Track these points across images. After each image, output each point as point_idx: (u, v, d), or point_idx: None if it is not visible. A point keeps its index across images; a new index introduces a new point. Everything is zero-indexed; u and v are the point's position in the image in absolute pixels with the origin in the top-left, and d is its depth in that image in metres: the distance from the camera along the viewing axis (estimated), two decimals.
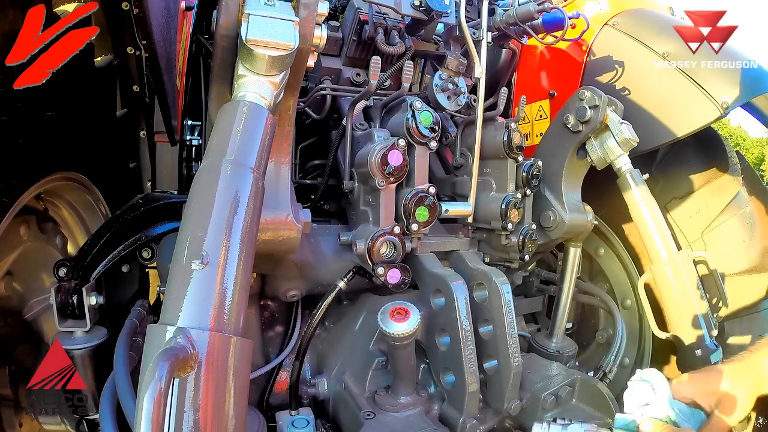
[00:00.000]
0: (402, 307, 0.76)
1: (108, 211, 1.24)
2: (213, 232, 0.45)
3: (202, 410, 0.38)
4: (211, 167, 0.50)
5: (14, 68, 0.78)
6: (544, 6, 0.97)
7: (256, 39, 0.55)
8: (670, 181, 1.21)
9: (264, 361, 1.02)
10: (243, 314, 0.45)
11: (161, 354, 0.34)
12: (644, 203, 1.07)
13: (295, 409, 0.87)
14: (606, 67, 1.21)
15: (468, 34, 0.96)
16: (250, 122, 0.54)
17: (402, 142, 0.85)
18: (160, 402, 0.32)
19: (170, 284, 0.43)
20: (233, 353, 0.41)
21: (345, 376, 0.93)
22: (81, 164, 1.09)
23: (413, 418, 0.83)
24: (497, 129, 1.02)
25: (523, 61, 1.36)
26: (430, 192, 0.90)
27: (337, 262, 0.94)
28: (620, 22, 1.21)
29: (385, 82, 1.07)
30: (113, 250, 0.96)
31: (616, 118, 1.03)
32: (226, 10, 0.60)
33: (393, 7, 0.95)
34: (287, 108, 0.76)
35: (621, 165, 1.06)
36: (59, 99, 0.95)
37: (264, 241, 0.75)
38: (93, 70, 1.13)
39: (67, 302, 0.89)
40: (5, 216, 0.85)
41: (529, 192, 1.04)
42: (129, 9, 1.12)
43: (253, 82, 0.58)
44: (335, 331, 1.05)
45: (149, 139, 1.44)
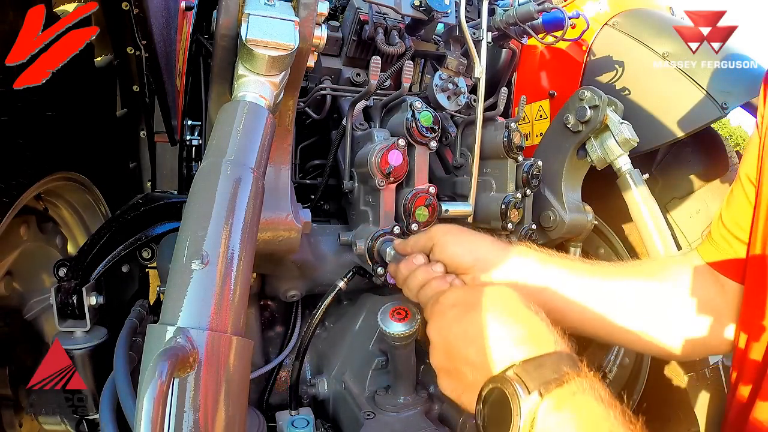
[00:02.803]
0: (402, 307, 0.76)
1: (108, 211, 1.24)
2: (213, 232, 0.45)
3: (202, 410, 0.38)
4: (211, 167, 0.50)
5: (14, 68, 0.78)
6: (544, 6, 0.97)
7: (256, 39, 0.55)
8: (670, 181, 1.21)
9: (264, 361, 1.02)
10: (243, 314, 0.45)
11: (161, 354, 0.34)
12: (644, 203, 1.07)
13: (295, 409, 0.87)
14: (606, 67, 1.21)
15: (468, 34, 0.96)
16: (250, 122, 0.54)
17: (402, 142, 0.85)
18: (160, 402, 0.32)
19: (170, 284, 0.43)
20: (233, 353, 0.41)
21: (345, 376, 0.93)
22: (81, 164, 1.09)
23: (413, 418, 0.83)
24: (497, 129, 1.02)
25: (523, 61, 1.35)
26: (430, 192, 0.90)
27: (337, 262, 0.94)
28: (620, 22, 1.21)
29: (385, 82, 1.07)
30: (113, 250, 0.96)
31: (616, 118, 1.03)
32: (226, 10, 0.60)
33: (393, 7, 0.95)
34: (287, 108, 0.76)
35: (621, 165, 1.06)
36: (59, 99, 0.95)
37: (264, 241, 0.75)
38: (93, 70, 1.13)
39: (67, 302, 0.89)
40: (5, 216, 0.85)
41: (529, 192, 1.04)
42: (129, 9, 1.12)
43: (253, 82, 0.58)
44: (335, 331, 1.05)
45: (149, 139, 1.45)
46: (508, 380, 0.44)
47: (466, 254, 0.69)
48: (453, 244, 0.70)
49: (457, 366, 0.53)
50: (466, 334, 0.52)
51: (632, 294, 0.68)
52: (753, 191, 0.62)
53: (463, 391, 0.53)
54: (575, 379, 0.43)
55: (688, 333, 0.66)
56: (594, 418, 0.41)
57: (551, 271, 0.69)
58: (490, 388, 0.46)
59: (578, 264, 0.72)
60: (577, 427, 0.40)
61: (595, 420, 0.40)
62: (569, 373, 0.43)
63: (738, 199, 0.65)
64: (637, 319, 0.67)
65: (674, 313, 0.67)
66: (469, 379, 0.51)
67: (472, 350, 0.51)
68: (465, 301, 0.55)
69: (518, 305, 0.52)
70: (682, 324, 0.67)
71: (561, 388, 0.42)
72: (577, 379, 0.43)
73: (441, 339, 0.56)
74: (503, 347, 0.48)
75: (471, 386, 0.50)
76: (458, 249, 0.70)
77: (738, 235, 0.65)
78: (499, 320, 0.51)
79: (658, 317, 0.67)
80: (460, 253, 0.69)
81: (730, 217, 0.66)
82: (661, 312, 0.67)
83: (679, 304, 0.67)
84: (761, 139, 0.62)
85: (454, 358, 0.53)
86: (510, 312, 0.52)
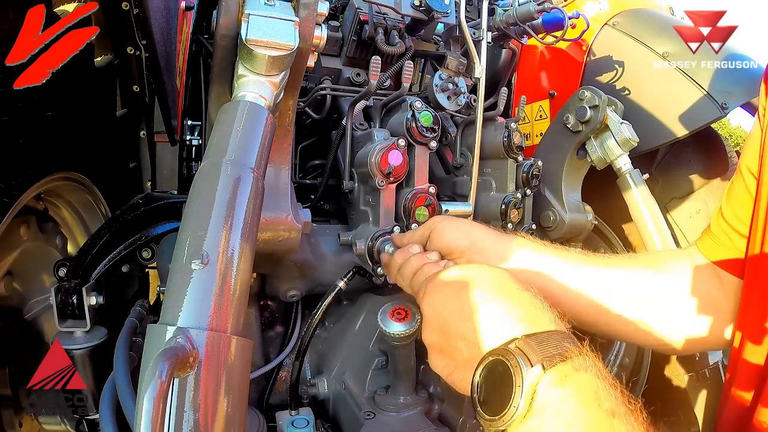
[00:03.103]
0: (402, 307, 0.76)
1: (108, 211, 1.24)
2: (213, 232, 0.45)
3: (202, 410, 0.38)
4: (211, 167, 0.50)
5: (14, 68, 0.78)
6: (544, 6, 0.97)
7: (256, 39, 0.55)
8: (670, 181, 1.21)
9: (264, 361, 1.02)
10: (243, 314, 0.45)
11: (161, 354, 0.34)
12: (644, 203, 1.07)
13: (295, 409, 0.87)
14: (606, 67, 1.21)
15: (468, 34, 0.96)
16: (250, 122, 0.54)
17: (402, 142, 0.85)
18: (160, 402, 0.32)
19: (170, 284, 0.43)
20: (233, 353, 0.41)
21: (345, 376, 0.93)
22: (81, 164, 1.09)
23: (413, 418, 0.83)
24: (497, 129, 1.02)
25: (523, 61, 1.35)
26: (430, 192, 0.90)
27: (337, 262, 0.94)
28: (620, 22, 1.21)
29: (385, 82, 1.06)
30: (113, 250, 0.96)
31: (616, 118, 1.03)
32: (226, 10, 0.60)
33: (393, 7, 0.95)
34: (287, 108, 0.76)
35: (621, 165, 1.06)
36: (59, 99, 0.95)
37: (264, 241, 0.75)
38: (93, 70, 1.13)
39: (67, 302, 0.89)
40: (5, 216, 0.85)
41: (529, 192, 1.04)
42: (129, 9, 1.12)
43: (253, 82, 0.58)
44: (335, 331, 1.05)
45: (149, 139, 1.45)
46: (511, 352, 0.43)
47: (462, 237, 0.70)
48: (449, 229, 0.71)
49: (450, 342, 0.53)
50: (462, 310, 0.52)
51: (628, 284, 0.68)
52: (754, 184, 0.62)
53: (456, 367, 0.53)
54: (578, 356, 0.43)
55: (685, 325, 0.66)
56: (596, 394, 0.40)
57: (547, 258, 0.69)
58: (490, 360, 0.45)
59: (574, 253, 0.72)
60: (579, 402, 0.39)
61: (597, 396, 0.40)
62: (572, 349, 0.43)
63: (738, 192, 0.65)
64: (633, 310, 0.67)
65: (671, 305, 0.67)
66: (463, 355, 0.51)
67: (468, 326, 0.50)
68: (461, 279, 0.55)
69: (515, 285, 0.52)
70: (678, 316, 0.66)
71: (564, 364, 0.41)
72: (579, 356, 0.43)
73: (435, 315, 0.56)
74: (503, 324, 0.48)
75: (465, 362, 0.50)
76: (454, 233, 0.70)
77: (738, 228, 0.64)
78: (497, 298, 0.50)
79: (655, 308, 0.67)
80: (456, 236, 0.70)
81: (730, 210, 0.66)
82: (657, 303, 0.67)
83: (676, 296, 0.67)
84: (762, 131, 0.61)
85: (449, 334, 0.53)
86: (508, 291, 0.51)
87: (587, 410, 0.39)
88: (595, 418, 0.39)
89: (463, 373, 0.50)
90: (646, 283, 0.68)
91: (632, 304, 0.67)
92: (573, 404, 0.39)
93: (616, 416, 0.39)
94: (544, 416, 0.40)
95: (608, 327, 0.68)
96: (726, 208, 0.67)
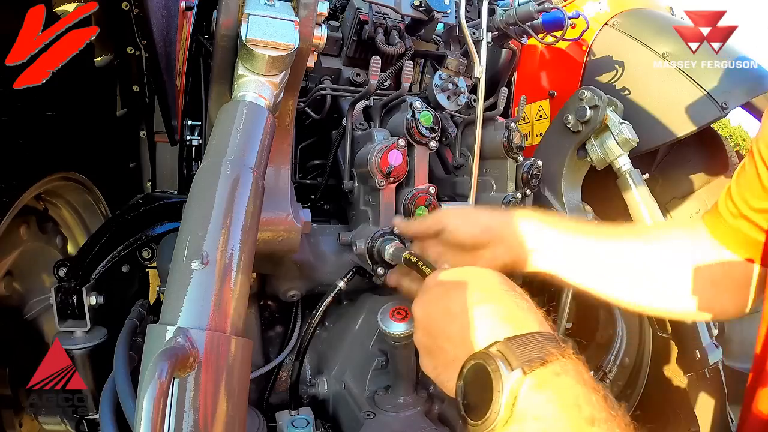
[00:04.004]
0: (402, 307, 0.76)
1: (108, 211, 1.24)
2: (213, 232, 0.45)
3: (202, 410, 0.38)
4: (211, 167, 0.50)
5: (14, 68, 0.78)
6: (544, 6, 0.97)
7: (256, 39, 0.55)
8: (670, 181, 1.21)
9: (264, 361, 1.02)
10: (243, 314, 0.45)
11: (161, 354, 0.34)
12: (644, 203, 1.07)
13: (295, 409, 0.87)
14: (606, 67, 1.21)
15: (468, 34, 0.96)
16: (250, 122, 0.54)
17: (402, 142, 0.85)
18: (160, 402, 0.32)
19: (170, 284, 0.43)
20: (233, 353, 0.41)
21: (345, 376, 0.93)
22: (81, 164, 1.09)
23: (413, 418, 0.83)
24: (497, 129, 1.02)
25: (523, 61, 1.36)
26: (430, 192, 0.90)
27: (337, 262, 0.94)
28: (620, 22, 1.21)
29: (385, 82, 1.07)
30: (113, 250, 0.96)
31: (616, 118, 1.03)
32: (226, 10, 0.60)
33: (393, 7, 0.95)
34: (287, 108, 0.76)
35: (621, 165, 1.06)
36: (59, 99, 0.95)
37: (264, 241, 0.75)
38: (93, 70, 1.13)
39: (67, 302, 0.89)
40: (5, 216, 0.85)
41: (529, 192, 1.04)
42: (129, 9, 1.12)
43: (253, 82, 0.58)
44: (335, 331, 1.05)
45: (149, 139, 1.44)
46: (491, 356, 0.42)
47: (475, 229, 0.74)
48: (464, 225, 0.75)
49: (438, 343, 0.53)
50: (449, 311, 0.52)
51: (631, 251, 0.70)
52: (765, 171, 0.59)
53: (444, 369, 0.53)
54: (559, 359, 0.42)
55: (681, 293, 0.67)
56: (576, 400, 0.40)
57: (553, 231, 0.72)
58: (472, 364, 0.45)
59: (581, 224, 0.76)
60: (558, 408, 0.39)
61: (577, 402, 0.40)
62: (553, 353, 0.43)
63: (749, 175, 0.63)
64: (637, 277, 0.69)
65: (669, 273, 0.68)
66: (449, 356, 0.51)
67: (454, 327, 0.50)
68: (449, 280, 0.56)
69: (502, 286, 0.53)
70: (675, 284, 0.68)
71: (544, 368, 0.41)
72: (561, 359, 0.42)
73: (424, 316, 0.57)
74: (486, 325, 0.48)
75: (451, 363, 0.50)
76: (468, 228, 0.74)
77: (746, 213, 0.62)
78: (482, 299, 0.51)
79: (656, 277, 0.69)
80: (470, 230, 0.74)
81: (739, 193, 0.64)
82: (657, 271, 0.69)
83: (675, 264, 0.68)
84: None
85: (436, 334, 0.53)
86: (494, 292, 0.52)
87: (566, 417, 0.39)
88: (575, 426, 0.38)
89: (450, 375, 0.49)
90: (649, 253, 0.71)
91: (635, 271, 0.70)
92: (552, 411, 0.39)
93: (596, 423, 0.39)
94: (524, 422, 0.40)
95: (613, 292, 0.72)
96: (735, 190, 0.66)
